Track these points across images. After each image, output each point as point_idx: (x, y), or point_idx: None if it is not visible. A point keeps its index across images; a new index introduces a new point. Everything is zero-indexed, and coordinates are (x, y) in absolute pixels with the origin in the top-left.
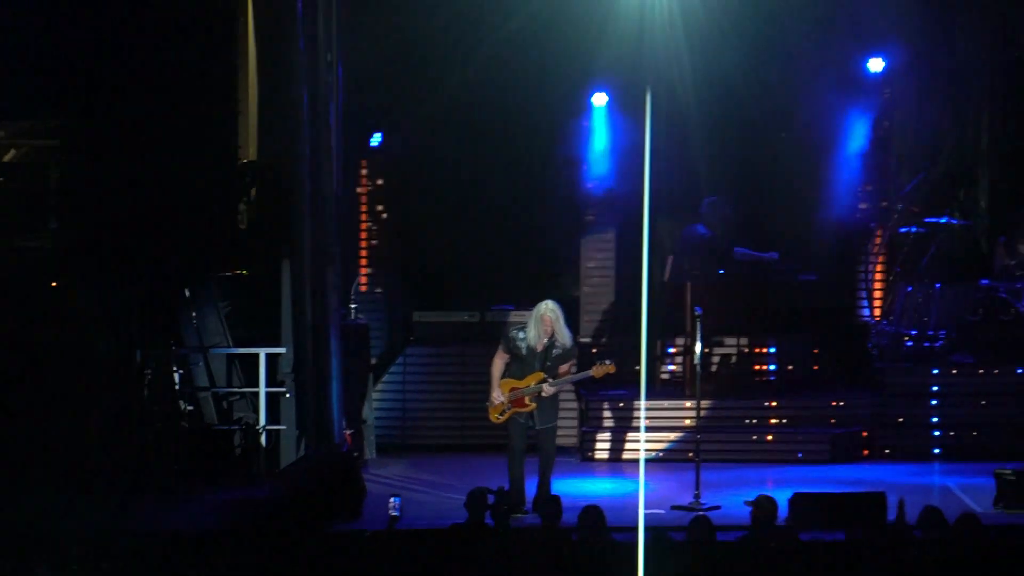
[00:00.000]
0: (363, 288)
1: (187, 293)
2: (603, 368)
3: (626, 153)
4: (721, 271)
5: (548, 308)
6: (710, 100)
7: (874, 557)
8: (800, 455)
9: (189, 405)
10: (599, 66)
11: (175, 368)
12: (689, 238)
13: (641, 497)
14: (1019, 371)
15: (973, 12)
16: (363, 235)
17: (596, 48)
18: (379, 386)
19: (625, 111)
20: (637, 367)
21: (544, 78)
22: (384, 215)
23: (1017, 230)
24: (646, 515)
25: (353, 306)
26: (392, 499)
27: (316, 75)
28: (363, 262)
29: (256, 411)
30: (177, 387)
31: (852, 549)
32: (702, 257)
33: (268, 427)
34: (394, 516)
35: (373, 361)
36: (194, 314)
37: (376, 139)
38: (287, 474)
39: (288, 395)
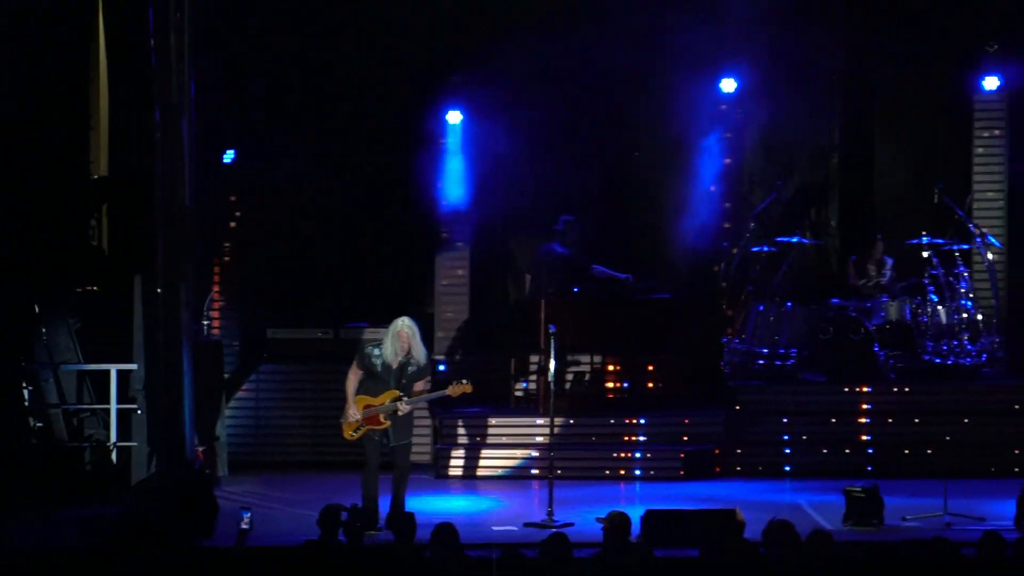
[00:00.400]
0: (216, 305)
1: (36, 309)
2: (459, 387)
3: (481, 171)
4: (576, 289)
5: (405, 324)
6: (565, 120)
7: (728, 573)
8: (653, 472)
9: (39, 422)
10: (455, 83)
11: (24, 384)
12: (545, 256)
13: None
14: (869, 390)
15: (826, 32)
16: (216, 251)
17: (452, 66)
18: (232, 403)
19: (480, 130)
20: (491, 385)
21: (399, 95)
22: (238, 231)
23: (867, 250)
24: (499, 532)
25: (206, 323)
26: (242, 512)
27: (168, 91)
28: (216, 278)
29: (107, 428)
30: (27, 403)
31: (706, 566)
32: (558, 275)
33: (119, 444)
34: (244, 529)
35: (226, 377)
36: (44, 330)
37: (229, 155)
38: (138, 491)
39: (139, 412)
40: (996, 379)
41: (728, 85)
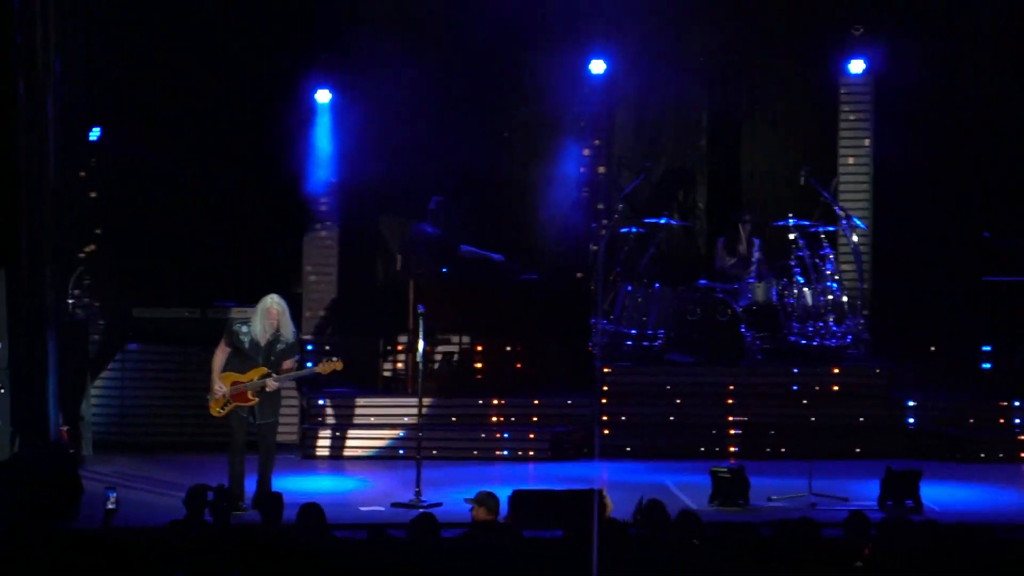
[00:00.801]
0: (82, 284)
1: None
2: (330, 365)
3: (351, 151)
4: (445, 270)
5: (274, 301)
6: (435, 101)
7: (595, 552)
8: (521, 453)
9: None
10: (324, 62)
11: None
12: (416, 236)
13: None
14: (735, 371)
15: (695, 15)
16: (83, 230)
17: (322, 44)
18: (97, 383)
19: (350, 109)
20: (360, 365)
21: (268, 74)
22: (103, 210)
23: (734, 231)
24: (366, 512)
25: (71, 302)
26: (108, 492)
27: (34, 67)
28: (82, 257)
29: None
30: None
31: (572, 545)
32: (428, 256)
33: None
34: (110, 510)
35: (91, 357)
36: None
37: (95, 133)
38: (1, 471)
39: (2, 391)
40: (861, 361)
41: (597, 66)
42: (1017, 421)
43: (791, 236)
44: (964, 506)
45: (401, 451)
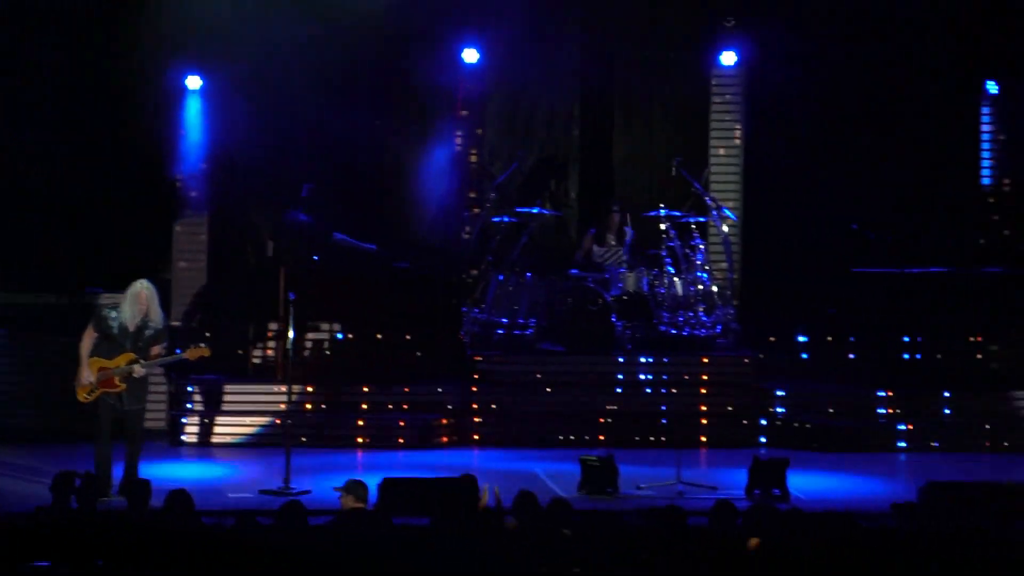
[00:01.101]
0: None
1: None
2: (198, 351)
3: (224, 137)
4: (316, 257)
5: (143, 286)
6: (309, 87)
7: (463, 541)
8: (390, 441)
9: None
10: (195, 48)
11: None
12: (288, 223)
13: None
14: (606, 360)
15: (568, 6)
16: None
17: (191, 30)
18: None
19: (223, 96)
20: (229, 352)
21: (139, 59)
22: None
23: (604, 220)
24: (234, 499)
25: None
26: None
27: None
28: None
29: None
30: None
31: (442, 533)
32: (300, 243)
33: None
34: None
35: None
36: None
37: None
38: None
39: None
40: (730, 350)
41: (471, 55)
42: (883, 411)
43: (662, 226)
44: (830, 494)
45: (270, 439)
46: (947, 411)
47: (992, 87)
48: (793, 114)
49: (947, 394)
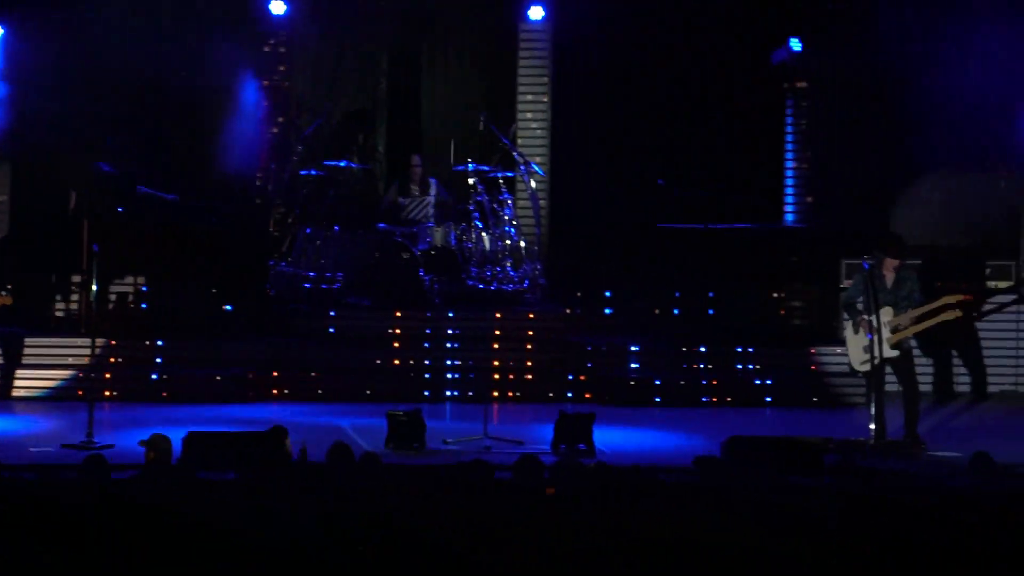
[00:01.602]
0: None
1: None
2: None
3: (28, 87)
4: (121, 209)
5: None
6: (112, 38)
7: (271, 494)
8: (197, 396)
9: None
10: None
11: None
12: (92, 174)
13: None
14: (413, 314)
15: None
16: None
17: None
18: None
19: (26, 45)
20: (32, 304)
21: None
22: None
23: (406, 169)
24: (36, 453)
25: None
26: None
27: None
28: None
29: None
30: None
31: (249, 485)
32: (104, 194)
33: None
34: None
35: None
36: None
37: None
38: None
39: None
40: (536, 305)
41: (277, 7)
42: (697, 366)
43: (470, 181)
44: (634, 449)
45: (73, 392)
46: (750, 366)
47: (795, 44)
48: (601, 70)
49: (751, 349)
